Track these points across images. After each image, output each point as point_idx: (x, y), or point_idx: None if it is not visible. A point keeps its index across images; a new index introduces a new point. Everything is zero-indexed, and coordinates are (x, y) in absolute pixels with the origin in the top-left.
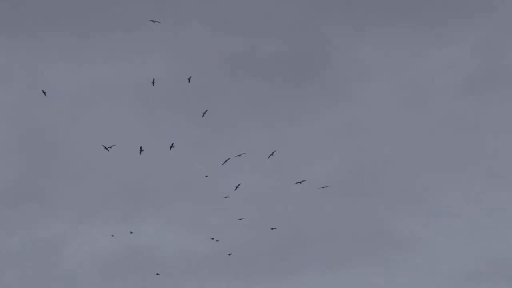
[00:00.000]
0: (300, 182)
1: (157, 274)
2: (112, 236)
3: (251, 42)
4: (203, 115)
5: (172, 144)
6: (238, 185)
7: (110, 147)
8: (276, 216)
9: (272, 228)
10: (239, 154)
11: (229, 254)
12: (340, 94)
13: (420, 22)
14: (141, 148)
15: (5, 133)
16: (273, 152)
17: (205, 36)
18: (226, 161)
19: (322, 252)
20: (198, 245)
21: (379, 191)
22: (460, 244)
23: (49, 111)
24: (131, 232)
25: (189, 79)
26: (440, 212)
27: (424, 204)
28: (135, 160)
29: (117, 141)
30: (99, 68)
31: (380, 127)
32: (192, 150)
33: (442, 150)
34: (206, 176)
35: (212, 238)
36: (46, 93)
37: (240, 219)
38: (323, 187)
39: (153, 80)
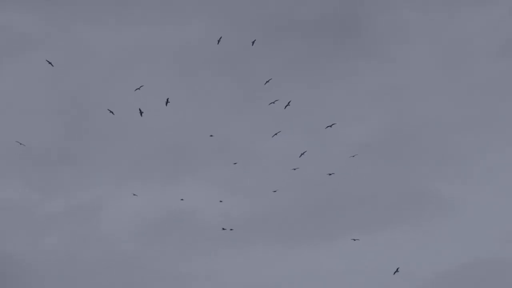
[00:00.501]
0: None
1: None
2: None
3: (290, 4)
4: (265, 83)
5: (167, 100)
6: (304, 152)
7: (112, 112)
8: (312, 178)
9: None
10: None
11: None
12: (379, 55)
13: None
14: (167, 100)
15: (43, 96)
16: (332, 124)
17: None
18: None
19: (359, 214)
20: (237, 207)
21: (417, 153)
22: (498, 206)
23: (87, 73)
24: (182, 199)
25: (253, 42)
26: (478, 174)
27: (462, 165)
28: (174, 122)
29: (155, 104)
30: (137, 30)
31: (419, 88)
32: (231, 111)
33: (481, 112)
34: (211, 136)
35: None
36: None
37: (274, 191)
38: (353, 156)
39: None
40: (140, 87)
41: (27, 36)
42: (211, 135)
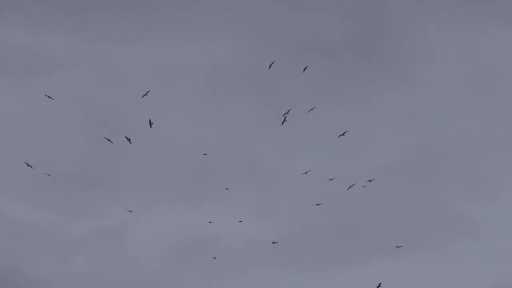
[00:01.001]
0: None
1: (214, 258)
2: (210, 222)
3: (314, 23)
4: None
5: (150, 121)
6: (308, 171)
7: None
8: (339, 199)
9: (318, 204)
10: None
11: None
12: (405, 74)
13: (486, 2)
14: (150, 121)
15: (71, 116)
16: (344, 132)
17: (271, 17)
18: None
19: (386, 236)
20: (264, 232)
21: (443, 174)
22: None
23: (115, 94)
24: (210, 222)
25: (270, 65)
26: (505, 195)
27: (489, 186)
28: (201, 142)
29: (182, 124)
30: (166, 50)
31: (444, 108)
32: (258, 131)
33: (508, 132)
34: (205, 154)
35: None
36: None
37: (318, 204)
38: (369, 181)
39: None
40: (147, 92)
41: (54, 57)
42: (205, 154)
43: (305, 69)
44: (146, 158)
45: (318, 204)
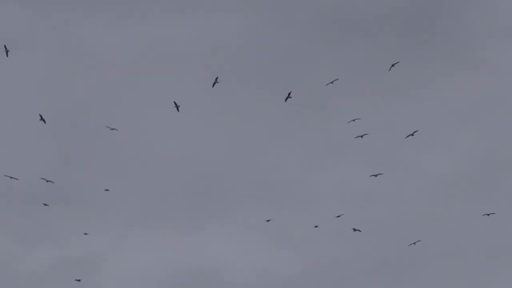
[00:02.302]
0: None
1: None
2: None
3: None
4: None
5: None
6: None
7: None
8: (381, 220)
9: (355, 230)
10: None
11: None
12: (469, 59)
13: None
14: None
15: (32, 112)
16: (414, 132)
17: None
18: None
19: (442, 269)
20: (279, 264)
21: None
22: None
23: (89, 83)
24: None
25: (214, 83)
26: None
27: None
28: (199, 148)
29: (177, 124)
30: (152, 30)
31: None
32: (274, 134)
33: None
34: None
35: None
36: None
37: (315, 226)
38: (355, 230)
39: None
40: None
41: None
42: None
43: (288, 96)
44: (129, 168)
45: (338, 216)
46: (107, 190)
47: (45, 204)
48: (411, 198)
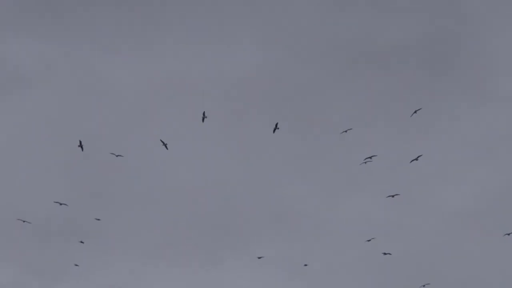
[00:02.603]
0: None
1: None
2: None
3: (369, 28)
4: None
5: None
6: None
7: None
8: (399, 255)
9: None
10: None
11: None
12: (486, 91)
13: None
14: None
15: (48, 146)
16: (418, 157)
17: (311, 18)
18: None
19: None
20: None
21: None
22: None
23: (103, 116)
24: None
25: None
26: None
27: None
28: (216, 182)
29: (196, 157)
30: (168, 63)
31: None
32: (293, 165)
33: None
34: None
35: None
36: None
37: (305, 265)
38: (368, 240)
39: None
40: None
41: (25, 69)
42: None
43: (276, 127)
44: (148, 202)
45: (369, 240)
46: (98, 219)
47: (81, 242)
48: (427, 232)
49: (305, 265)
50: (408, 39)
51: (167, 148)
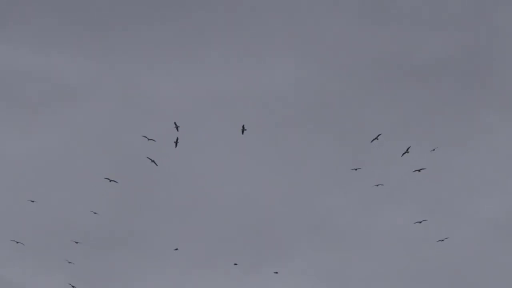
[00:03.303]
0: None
1: None
2: None
3: (405, 45)
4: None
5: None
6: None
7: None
8: (435, 265)
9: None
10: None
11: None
12: None
13: None
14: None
15: (95, 160)
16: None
17: (349, 34)
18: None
19: None
20: None
21: None
22: None
23: (146, 129)
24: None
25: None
26: None
27: None
28: (257, 194)
29: (233, 168)
30: (212, 77)
31: None
32: (330, 178)
33: None
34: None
35: None
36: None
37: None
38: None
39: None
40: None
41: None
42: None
43: (243, 130)
44: (187, 213)
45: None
46: (95, 213)
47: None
48: (461, 242)
49: (276, 272)
50: (445, 54)
51: (178, 130)
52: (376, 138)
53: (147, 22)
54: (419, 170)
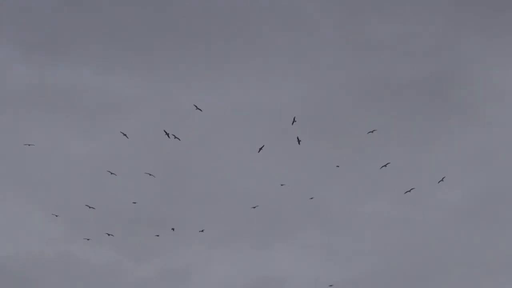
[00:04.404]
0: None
1: None
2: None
3: (386, 67)
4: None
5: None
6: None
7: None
8: (408, 242)
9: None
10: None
11: None
12: (475, 117)
13: None
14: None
15: (142, 159)
16: (411, 189)
17: (342, 59)
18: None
19: (453, 280)
20: (333, 274)
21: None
22: None
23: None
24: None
25: (293, 121)
26: None
27: None
28: (270, 186)
29: (256, 167)
30: (240, 92)
31: None
32: (328, 173)
33: None
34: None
35: None
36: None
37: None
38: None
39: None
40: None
41: (122, 98)
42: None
43: (293, 121)
44: (211, 201)
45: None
46: (134, 202)
47: (156, 235)
48: (430, 224)
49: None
50: (416, 77)
51: (169, 137)
52: (372, 131)
53: (181, 48)
54: (385, 165)
